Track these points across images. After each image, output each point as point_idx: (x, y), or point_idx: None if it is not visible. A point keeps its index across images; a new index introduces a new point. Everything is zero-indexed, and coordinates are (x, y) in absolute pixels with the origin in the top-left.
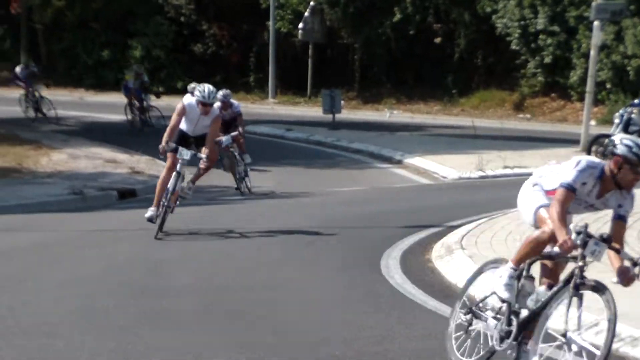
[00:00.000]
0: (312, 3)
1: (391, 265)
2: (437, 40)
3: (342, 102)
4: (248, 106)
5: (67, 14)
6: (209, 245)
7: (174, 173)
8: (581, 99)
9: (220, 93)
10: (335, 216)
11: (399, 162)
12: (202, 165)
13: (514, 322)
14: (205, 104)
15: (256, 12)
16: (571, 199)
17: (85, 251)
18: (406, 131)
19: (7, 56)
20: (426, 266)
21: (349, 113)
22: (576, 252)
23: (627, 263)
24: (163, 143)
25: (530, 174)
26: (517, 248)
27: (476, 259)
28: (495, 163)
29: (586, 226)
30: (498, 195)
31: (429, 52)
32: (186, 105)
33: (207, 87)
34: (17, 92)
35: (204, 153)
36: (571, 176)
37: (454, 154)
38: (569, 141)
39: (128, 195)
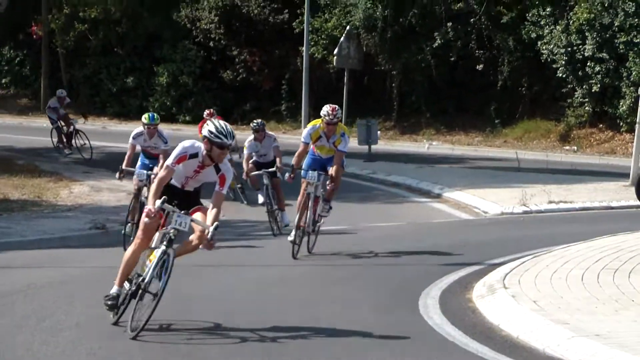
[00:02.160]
0: (348, 27)
1: (430, 305)
2: (480, 67)
3: (379, 132)
4: (280, 136)
5: (91, 38)
6: (239, 282)
7: None
8: (631, 129)
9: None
10: (371, 253)
11: (438, 196)
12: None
13: None
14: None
15: (289, 36)
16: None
17: (106, 289)
18: (446, 163)
19: (27, 82)
20: (467, 306)
21: (386, 144)
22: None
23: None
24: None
25: (576, 209)
26: None
27: (520, 298)
28: (539, 198)
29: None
30: (543, 231)
31: (470, 79)
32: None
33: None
34: (40, 121)
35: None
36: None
37: (496, 187)
38: (617, 175)
39: None
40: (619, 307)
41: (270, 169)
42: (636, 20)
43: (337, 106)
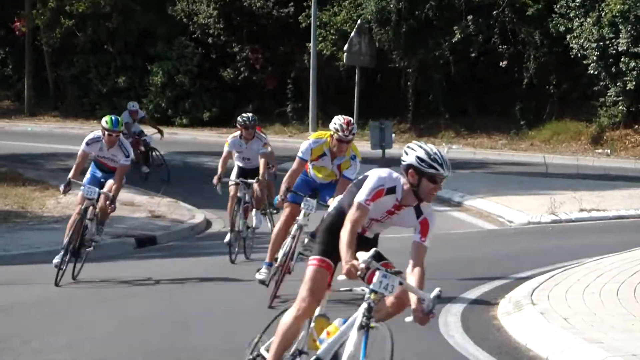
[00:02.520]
0: (359, 21)
1: (451, 323)
2: (503, 63)
3: (394, 135)
4: (285, 140)
5: (78, 34)
6: (240, 299)
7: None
8: None
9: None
10: None
11: (458, 205)
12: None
13: None
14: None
15: (295, 32)
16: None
17: (97, 307)
18: (467, 169)
19: (9, 83)
20: (491, 324)
21: (401, 148)
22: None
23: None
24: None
25: (609, 218)
26: None
27: (549, 315)
28: (569, 205)
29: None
30: (573, 242)
31: (493, 77)
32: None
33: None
34: (24, 125)
35: None
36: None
37: (522, 194)
38: None
39: (147, 242)
40: None
41: (249, 180)
42: None
43: (352, 119)
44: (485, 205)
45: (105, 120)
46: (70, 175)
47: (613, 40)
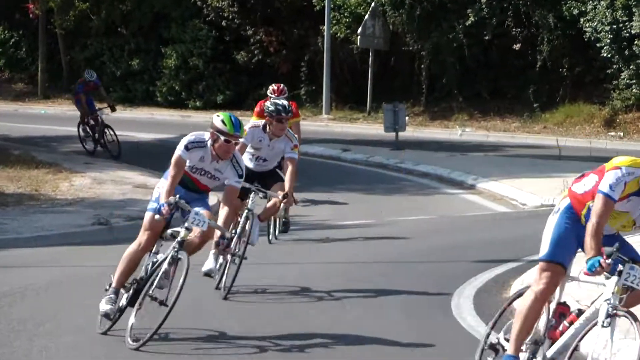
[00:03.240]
0: (373, 4)
1: (463, 306)
2: (517, 46)
3: (407, 118)
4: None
5: (92, 17)
6: (257, 285)
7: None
8: None
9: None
10: (398, 249)
11: (471, 187)
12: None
13: None
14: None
15: (309, 15)
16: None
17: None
18: (480, 151)
19: (23, 66)
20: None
21: (415, 131)
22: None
23: None
24: None
25: None
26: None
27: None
28: None
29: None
30: None
31: (507, 60)
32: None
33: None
34: (38, 107)
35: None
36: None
37: (536, 177)
38: None
39: None
40: None
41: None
42: None
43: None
44: (498, 187)
45: (222, 119)
46: (165, 194)
47: (626, 23)
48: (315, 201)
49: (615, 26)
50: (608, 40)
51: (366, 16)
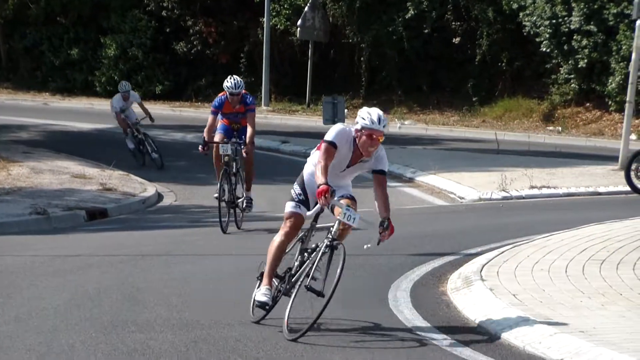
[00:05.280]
0: None
1: (400, 299)
2: (456, 40)
3: (346, 110)
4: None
5: (31, 6)
6: (193, 273)
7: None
8: (620, 109)
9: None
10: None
11: (410, 180)
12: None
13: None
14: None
15: (248, 6)
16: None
17: (49, 280)
18: (419, 145)
19: None
20: (440, 300)
21: (354, 123)
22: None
23: None
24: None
25: (560, 195)
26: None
27: (498, 291)
28: (520, 182)
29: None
30: (523, 219)
31: (446, 54)
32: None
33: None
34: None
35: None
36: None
37: (474, 171)
38: (605, 157)
39: (98, 215)
40: (606, 302)
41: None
42: None
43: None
44: (437, 181)
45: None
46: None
47: (566, 18)
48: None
49: (554, 21)
50: (547, 35)
51: (306, 8)
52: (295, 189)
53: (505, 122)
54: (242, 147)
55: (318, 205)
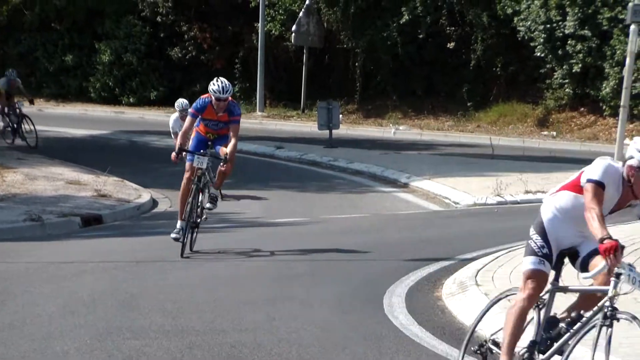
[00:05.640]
0: (307, 2)
1: (395, 304)
2: (451, 45)
3: (341, 116)
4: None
5: (26, 12)
6: (186, 279)
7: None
8: (615, 113)
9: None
10: (331, 247)
11: (405, 186)
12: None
13: None
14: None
15: (243, 12)
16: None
17: (43, 286)
18: (414, 150)
19: None
20: (435, 305)
21: (349, 129)
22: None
23: None
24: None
25: None
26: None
27: (493, 296)
28: (515, 187)
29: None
30: (518, 224)
31: (441, 59)
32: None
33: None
34: None
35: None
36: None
37: (469, 176)
38: None
39: (93, 222)
40: None
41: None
42: None
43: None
44: (432, 186)
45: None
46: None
47: (560, 23)
48: (246, 197)
49: (549, 26)
50: (542, 40)
51: (300, 13)
52: (536, 240)
53: (499, 127)
54: (222, 164)
55: (603, 264)
